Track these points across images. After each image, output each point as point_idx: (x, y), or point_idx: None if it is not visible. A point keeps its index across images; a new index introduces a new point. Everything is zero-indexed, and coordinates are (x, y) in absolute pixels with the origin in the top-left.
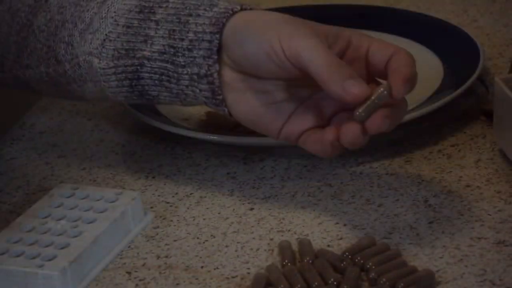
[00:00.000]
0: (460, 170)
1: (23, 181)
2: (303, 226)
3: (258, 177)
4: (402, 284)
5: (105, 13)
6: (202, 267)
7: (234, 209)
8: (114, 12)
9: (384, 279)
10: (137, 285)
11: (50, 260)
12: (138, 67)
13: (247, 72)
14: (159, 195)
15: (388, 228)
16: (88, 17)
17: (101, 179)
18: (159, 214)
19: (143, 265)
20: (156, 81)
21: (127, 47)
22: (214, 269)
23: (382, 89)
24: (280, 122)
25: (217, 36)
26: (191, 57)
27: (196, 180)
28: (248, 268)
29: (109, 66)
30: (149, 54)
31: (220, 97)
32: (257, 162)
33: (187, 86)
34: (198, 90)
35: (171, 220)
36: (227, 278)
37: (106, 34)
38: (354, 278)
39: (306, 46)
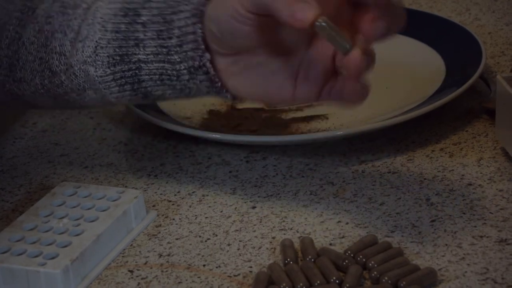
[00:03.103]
0: (462, 168)
1: (25, 180)
2: (305, 224)
3: (260, 175)
4: (404, 283)
5: (91, 19)
6: (204, 265)
7: (236, 208)
8: (101, 17)
9: (386, 278)
10: (139, 283)
11: (52, 258)
12: (136, 71)
13: (232, 49)
14: (161, 194)
15: (390, 226)
16: (76, 25)
17: (103, 177)
18: (161, 213)
19: (145, 263)
20: (158, 81)
21: (120, 53)
22: (216, 267)
23: (319, 19)
24: (289, 86)
25: (199, 25)
26: (183, 52)
27: (198, 179)
28: (250, 267)
29: (106, 74)
30: (144, 57)
31: (219, 84)
32: (259, 160)
33: (188, 80)
34: (198, 82)
35: (173, 219)
36: (229, 276)
37: (96, 41)
38: (356, 277)
39: None
